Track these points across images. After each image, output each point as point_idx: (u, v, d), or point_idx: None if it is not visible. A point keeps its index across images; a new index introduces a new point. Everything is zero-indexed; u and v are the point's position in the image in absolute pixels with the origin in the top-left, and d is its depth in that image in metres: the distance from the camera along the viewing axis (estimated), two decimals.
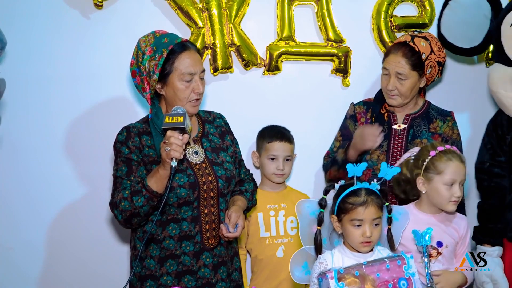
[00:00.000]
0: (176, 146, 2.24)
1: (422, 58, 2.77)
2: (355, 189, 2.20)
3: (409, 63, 2.77)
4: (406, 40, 2.80)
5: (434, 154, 2.47)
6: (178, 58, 2.44)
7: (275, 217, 3.08)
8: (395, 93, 2.81)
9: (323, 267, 2.19)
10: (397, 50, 2.80)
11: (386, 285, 2.11)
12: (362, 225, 2.16)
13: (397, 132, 2.88)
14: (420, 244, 2.28)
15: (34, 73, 3.12)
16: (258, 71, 3.28)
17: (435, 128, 2.88)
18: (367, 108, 2.96)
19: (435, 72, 2.86)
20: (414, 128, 2.87)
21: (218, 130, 2.67)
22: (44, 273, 3.21)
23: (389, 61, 2.81)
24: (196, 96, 2.49)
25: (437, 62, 2.83)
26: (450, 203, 2.46)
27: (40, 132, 3.15)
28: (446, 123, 2.90)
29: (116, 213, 2.40)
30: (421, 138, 2.85)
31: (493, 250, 2.90)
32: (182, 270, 2.47)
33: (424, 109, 2.93)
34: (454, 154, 2.49)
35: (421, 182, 2.48)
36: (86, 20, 3.14)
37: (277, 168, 3.06)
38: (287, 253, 2.96)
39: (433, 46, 2.82)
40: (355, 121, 2.95)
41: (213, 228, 2.50)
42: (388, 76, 2.82)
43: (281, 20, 3.24)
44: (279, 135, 3.08)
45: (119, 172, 2.44)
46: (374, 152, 2.83)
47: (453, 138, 2.89)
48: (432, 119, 2.91)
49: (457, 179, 2.46)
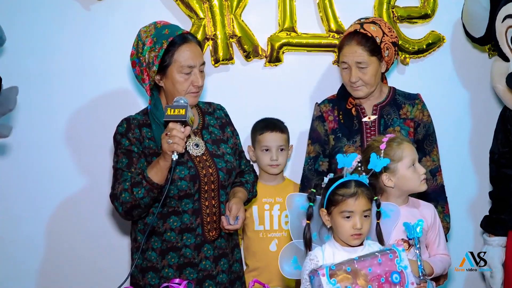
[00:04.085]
0: (179, 140, 2.23)
1: (377, 42, 2.70)
2: (345, 181, 2.17)
3: (366, 49, 2.69)
4: (356, 28, 2.73)
5: (384, 146, 2.42)
6: (178, 50, 2.43)
7: (270, 211, 3.07)
8: (360, 84, 2.73)
9: (314, 264, 2.16)
10: (350, 40, 2.72)
11: (379, 279, 2.09)
12: (352, 217, 2.13)
13: (368, 124, 2.81)
14: (412, 237, 2.25)
15: (35, 66, 3.11)
16: (259, 63, 3.27)
17: (406, 114, 2.82)
18: (332, 105, 2.87)
19: (393, 54, 2.78)
20: (384, 118, 2.81)
21: (218, 122, 2.66)
22: (44, 266, 3.21)
23: (345, 54, 2.72)
24: (195, 89, 2.48)
25: (391, 43, 2.75)
26: (421, 183, 2.44)
27: (40, 126, 3.14)
28: (415, 106, 2.84)
29: (117, 205, 2.40)
30: (393, 126, 2.79)
31: (493, 240, 2.94)
32: (184, 262, 2.47)
33: (391, 96, 2.86)
34: (398, 137, 2.47)
35: (386, 178, 2.42)
36: (87, 12, 3.13)
37: (271, 159, 3.05)
38: (281, 247, 2.89)
39: (384, 28, 2.74)
40: (323, 121, 2.87)
41: (214, 220, 2.50)
42: (348, 69, 2.74)
43: (282, 11, 3.23)
44: (270, 125, 3.08)
45: (119, 164, 2.43)
46: (348, 149, 2.77)
47: (424, 120, 2.83)
48: (401, 105, 2.84)
49: (415, 157, 2.44)
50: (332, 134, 2.84)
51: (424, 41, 3.33)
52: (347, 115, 2.83)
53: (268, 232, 3.06)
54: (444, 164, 2.89)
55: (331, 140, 2.84)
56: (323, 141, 2.86)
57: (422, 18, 3.32)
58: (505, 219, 2.93)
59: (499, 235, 2.95)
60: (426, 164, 2.79)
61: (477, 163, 3.46)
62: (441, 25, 3.35)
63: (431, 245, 2.51)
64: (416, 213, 2.46)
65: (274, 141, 3.06)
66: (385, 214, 2.32)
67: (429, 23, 3.34)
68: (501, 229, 2.95)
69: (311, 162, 2.88)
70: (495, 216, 2.97)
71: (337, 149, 2.78)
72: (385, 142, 2.43)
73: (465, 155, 3.48)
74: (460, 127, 3.46)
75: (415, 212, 2.46)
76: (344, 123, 2.82)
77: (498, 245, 2.94)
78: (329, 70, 3.31)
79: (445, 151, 3.10)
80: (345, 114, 2.83)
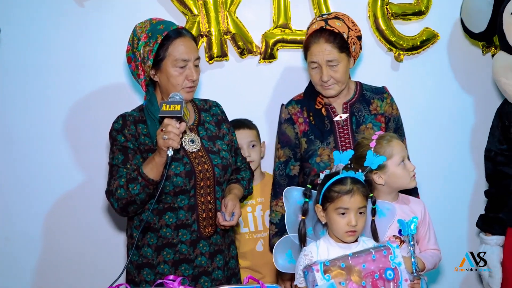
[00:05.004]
0: (174, 135, 2.23)
1: (344, 38, 2.63)
2: (341, 178, 2.18)
3: (335, 46, 2.62)
4: (321, 26, 2.64)
5: (374, 144, 2.42)
6: (172, 44, 2.43)
7: (252, 213, 3.07)
8: (331, 82, 2.66)
9: (308, 259, 2.17)
10: (317, 38, 2.64)
11: (373, 275, 2.10)
12: (347, 213, 2.14)
13: (340, 123, 2.74)
14: (406, 234, 2.27)
15: (31, 62, 3.11)
16: (253, 59, 3.27)
17: (376, 109, 2.77)
18: (301, 106, 2.78)
19: (358, 48, 2.72)
20: (356, 115, 2.75)
21: (214, 119, 2.65)
22: (40, 262, 3.21)
23: (314, 53, 2.63)
24: (190, 83, 2.47)
25: (357, 37, 2.69)
26: (412, 180, 2.45)
27: (36, 121, 3.14)
28: (384, 101, 2.79)
29: (112, 201, 2.39)
30: (365, 123, 2.74)
31: (491, 239, 2.91)
32: (179, 258, 2.47)
33: (359, 92, 2.80)
34: (387, 135, 2.49)
35: (376, 177, 2.43)
36: (81, 8, 3.13)
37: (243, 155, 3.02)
38: (267, 247, 2.96)
39: (348, 23, 2.68)
40: (293, 123, 2.77)
41: (209, 216, 2.50)
42: (318, 68, 2.66)
43: (276, 8, 3.23)
44: (237, 124, 3.02)
45: (115, 160, 2.43)
46: (323, 152, 2.71)
47: (394, 114, 2.79)
48: (370, 100, 2.77)
49: (404, 154, 2.46)
50: (303, 137, 2.76)
51: (418, 38, 3.35)
52: (317, 115, 2.74)
53: (254, 233, 3.07)
54: (440, 161, 2.91)
55: (303, 143, 2.76)
56: (293, 144, 2.77)
57: (416, 15, 3.33)
58: (503, 217, 2.90)
59: (496, 234, 2.93)
60: None
61: (472, 161, 3.47)
62: (435, 22, 3.36)
63: (422, 241, 2.52)
64: (406, 210, 2.47)
65: (243, 138, 3.03)
66: (381, 212, 2.33)
67: (423, 19, 3.36)
68: (499, 228, 2.92)
69: (281, 167, 2.80)
70: (493, 215, 2.94)
71: (311, 152, 2.73)
72: (374, 140, 2.44)
73: (460, 152, 3.49)
74: (454, 124, 3.47)
75: (405, 209, 2.48)
76: (315, 125, 2.73)
77: (496, 244, 2.91)
78: None
79: (438, 147, 3.12)
80: (316, 115, 2.74)
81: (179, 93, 2.37)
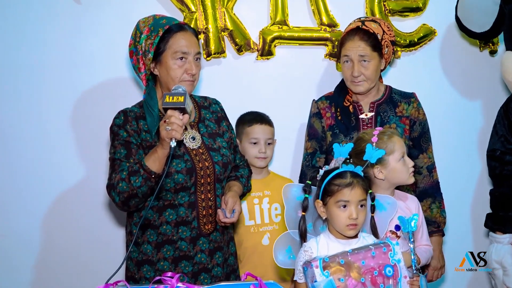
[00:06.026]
0: (177, 126, 2.22)
1: (378, 39, 2.76)
2: (340, 172, 2.19)
3: (369, 44, 2.75)
4: (358, 25, 2.78)
5: (376, 139, 2.44)
6: (173, 37, 2.43)
7: (259, 205, 3.06)
8: (361, 79, 2.78)
9: (308, 255, 2.17)
10: (353, 36, 2.77)
11: (372, 272, 2.10)
12: (348, 206, 2.15)
13: (365, 121, 2.85)
14: (406, 231, 2.28)
15: (27, 59, 3.09)
16: (251, 56, 3.27)
17: (402, 112, 2.87)
18: (330, 102, 2.91)
19: (391, 52, 2.84)
20: (381, 115, 2.85)
21: (214, 116, 2.65)
22: (39, 259, 3.20)
23: (348, 48, 2.77)
24: (189, 77, 2.47)
25: (390, 41, 2.82)
26: (410, 176, 2.48)
27: (33, 119, 3.13)
28: (411, 105, 2.89)
29: (114, 195, 2.37)
30: (390, 123, 2.83)
31: (503, 238, 2.90)
32: (179, 255, 2.47)
33: (387, 94, 2.90)
34: (388, 130, 2.51)
35: (377, 171, 2.44)
36: (78, 5, 3.11)
37: (260, 151, 3.03)
38: (273, 241, 2.92)
39: (383, 27, 2.80)
40: (321, 118, 2.90)
41: (209, 213, 2.50)
42: (350, 63, 2.78)
43: (274, 5, 3.23)
44: (258, 118, 3.06)
45: (117, 155, 2.42)
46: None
47: (420, 118, 2.88)
48: (397, 103, 2.88)
49: (404, 150, 2.48)
50: (329, 131, 2.87)
51: (416, 35, 3.36)
52: (344, 112, 2.86)
53: (260, 226, 3.05)
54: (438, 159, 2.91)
55: (328, 136, 2.87)
56: (320, 137, 2.89)
57: (413, 12, 3.34)
58: None
59: (508, 232, 2.90)
60: (423, 160, 2.87)
61: (472, 159, 3.48)
62: (432, 19, 3.38)
63: (415, 236, 2.53)
64: (402, 206, 2.49)
65: (263, 134, 3.05)
66: (382, 206, 2.34)
67: (420, 16, 3.37)
68: (510, 226, 2.89)
69: (308, 158, 2.92)
70: (503, 214, 2.92)
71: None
72: (376, 135, 2.45)
73: (457, 150, 3.51)
74: (451, 121, 3.48)
75: (401, 205, 2.49)
76: (341, 120, 2.85)
77: (509, 243, 2.89)
78: (321, 63, 3.32)
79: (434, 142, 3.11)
80: (343, 111, 2.86)
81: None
